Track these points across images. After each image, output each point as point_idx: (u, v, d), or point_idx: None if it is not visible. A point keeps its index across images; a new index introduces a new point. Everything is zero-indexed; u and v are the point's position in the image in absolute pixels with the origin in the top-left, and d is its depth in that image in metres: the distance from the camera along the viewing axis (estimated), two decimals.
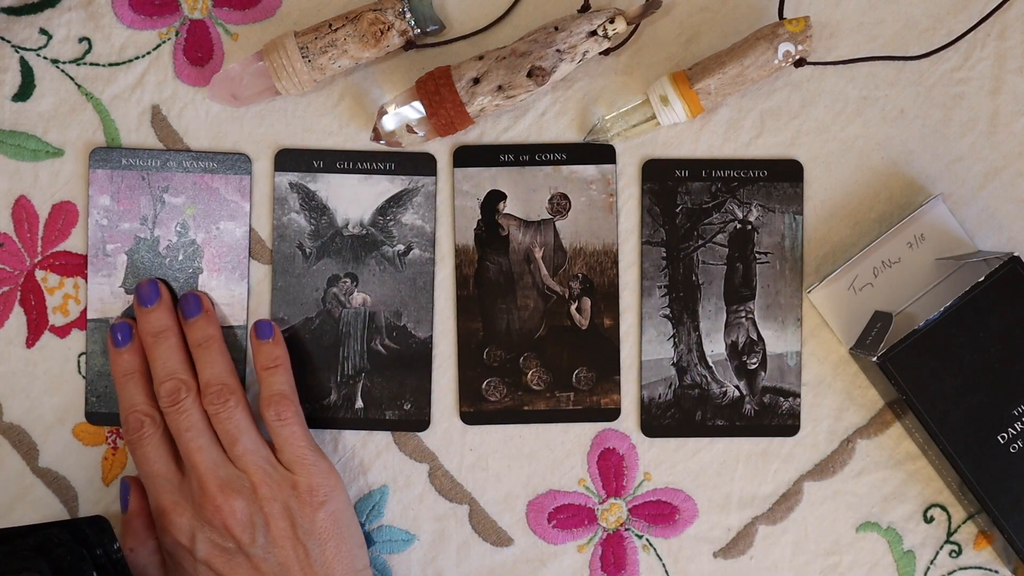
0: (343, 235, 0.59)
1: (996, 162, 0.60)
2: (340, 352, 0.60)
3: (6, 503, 0.61)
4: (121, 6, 0.60)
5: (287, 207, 0.60)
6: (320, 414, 0.60)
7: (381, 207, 0.60)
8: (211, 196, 0.57)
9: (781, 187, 0.60)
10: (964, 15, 0.59)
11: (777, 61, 0.56)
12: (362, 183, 0.60)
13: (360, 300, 0.59)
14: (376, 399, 0.60)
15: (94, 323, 0.56)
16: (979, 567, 0.60)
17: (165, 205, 0.56)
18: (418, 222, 0.60)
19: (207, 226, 0.57)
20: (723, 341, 0.60)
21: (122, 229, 0.56)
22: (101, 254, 0.56)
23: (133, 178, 0.53)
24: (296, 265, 0.60)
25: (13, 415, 0.61)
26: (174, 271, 0.58)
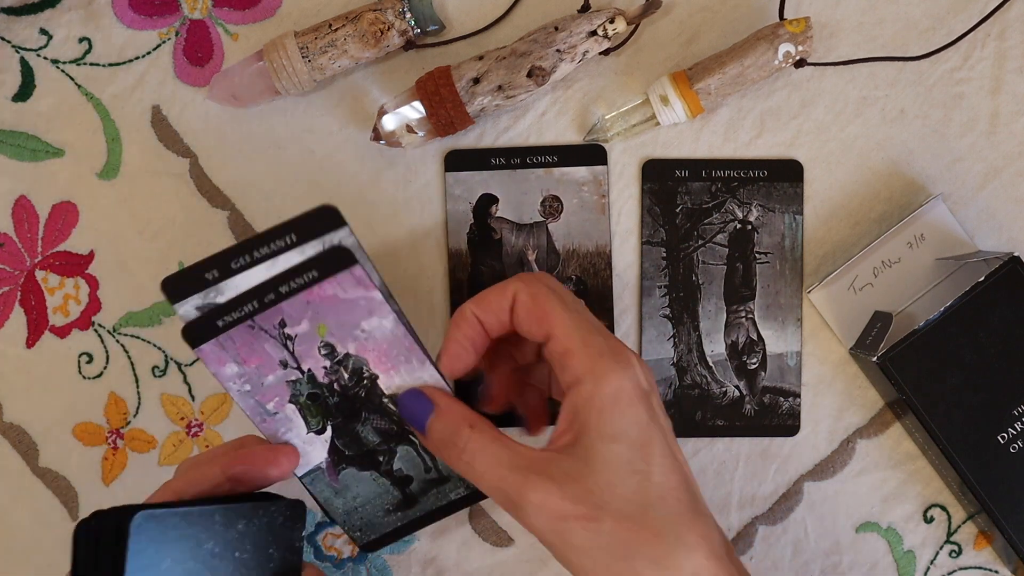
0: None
1: (996, 162, 0.60)
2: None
3: (6, 503, 0.61)
4: (121, 6, 0.60)
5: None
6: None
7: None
8: (332, 302, 0.47)
9: (781, 187, 0.60)
10: (964, 15, 0.59)
11: (777, 61, 0.56)
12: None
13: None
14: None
15: (308, 477, 0.50)
16: (979, 567, 0.60)
17: (295, 339, 0.47)
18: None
19: (351, 333, 0.48)
20: (723, 341, 0.60)
21: (270, 384, 0.48)
22: (268, 416, 0.48)
23: (242, 334, 0.46)
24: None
25: (13, 415, 0.61)
26: (349, 390, 0.49)
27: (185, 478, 0.46)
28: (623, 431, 0.42)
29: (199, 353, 0.46)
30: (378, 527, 0.52)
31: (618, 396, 0.42)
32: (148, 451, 0.61)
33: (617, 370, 0.43)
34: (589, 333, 0.44)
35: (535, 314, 0.45)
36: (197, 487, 0.45)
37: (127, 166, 0.60)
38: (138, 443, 0.61)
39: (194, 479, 0.45)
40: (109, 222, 0.60)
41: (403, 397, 0.48)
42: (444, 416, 0.46)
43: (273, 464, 0.47)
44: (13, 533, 0.61)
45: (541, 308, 0.45)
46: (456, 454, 0.45)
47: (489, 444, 0.44)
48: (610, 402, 0.42)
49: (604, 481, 0.41)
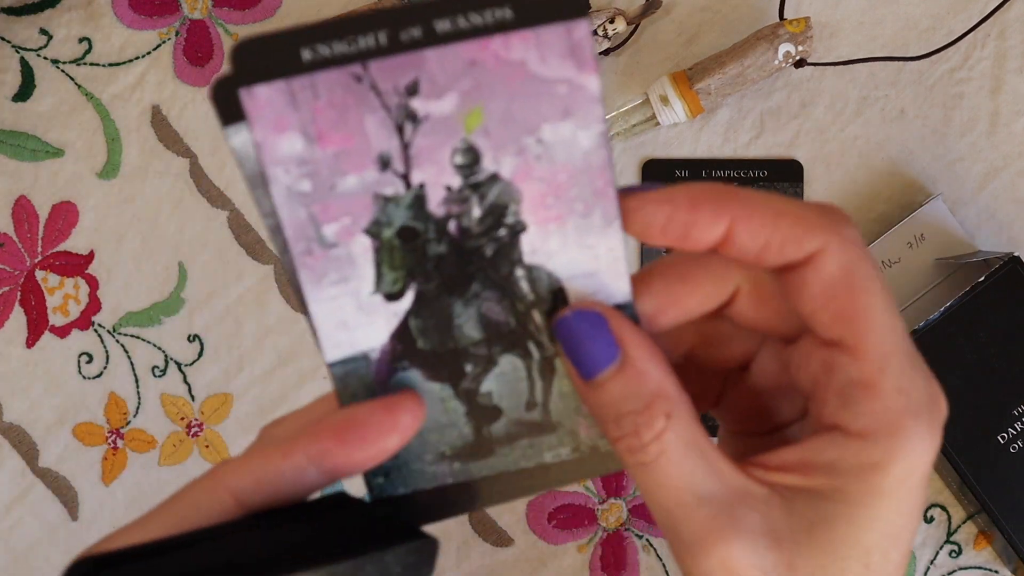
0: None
1: (996, 162, 0.60)
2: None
3: (6, 503, 0.61)
4: (121, 6, 0.60)
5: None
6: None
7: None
8: (510, 76, 0.27)
9: (781, 187, 0.60)
10: (964, 15, 0.59)
11: (777, 62, 0.56)
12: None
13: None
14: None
15: (342, 367, 0.30)
16: (979, 567, 0.60)
17: (419, 122, 0.27)
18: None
19: (517, 139, 0.28)
20: None
21: (345, 189, 0.28)
22: (318, 248, 0.28)
23: (337, 85, 0.26)
24: None
25: (13, 415, 0.61)
26: (471, 238, 0.29)
27: (250, 473, 0.28)
28: (886, 520, 0.28)
29: (246, 100, 0.26)
30: (416, 477, 0.31)
31: (907, 478, 0.27)
32: (148, 451, 0.61)
33: (924, 441, 0.27)
34: (910, 366, 0.27)
35: (841, 302, 0.27)
36: (266, 490, 0.28)
37: (127, 166, 0.60)
38: (138, 443, 0.61)
39: (264, 477, 0.28)
40: (109, 222, 0.60)
41: (572, 318, 0.29)
42: (633, 378, 0.29)
43: (392, 430, 0.29)
44: (13, 533, 0.61)
45: (855, 297, 0.27)
46: (632, 442, 0.29)
47: (684, 450, 0.28)
48: (895, 485, 0.27)
49: (821, 565, 0.28)
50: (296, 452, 0.28)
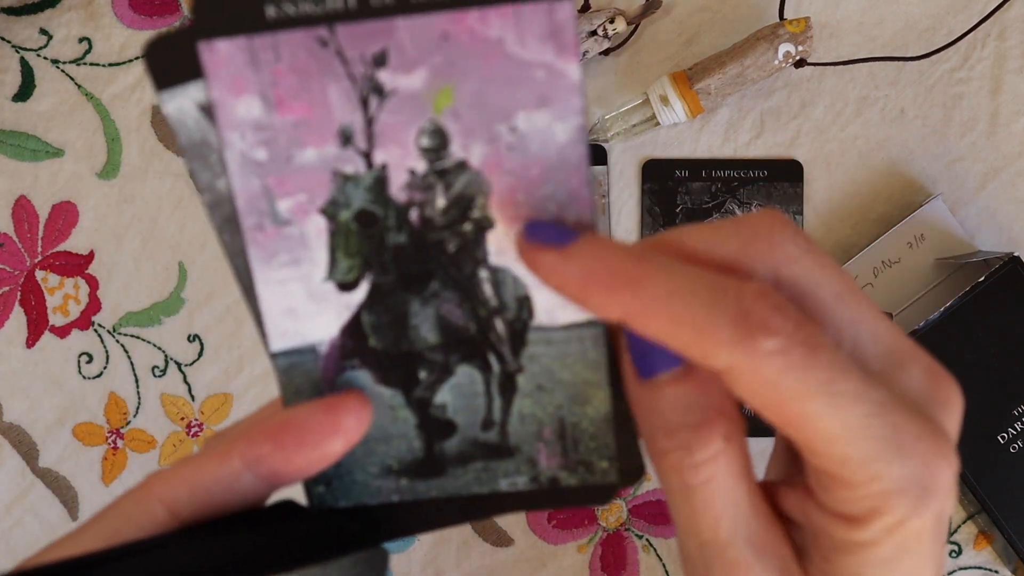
0: None
1: (996, 162, 0.60)
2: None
3: (6, 503, 0.61)
4: (121, 6, 0.60)
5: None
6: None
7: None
8: (485, 55, 0.25)
9: (781, 187, 0.60)
10: (964, 15, 0.59)
11: (777, 62, 0.56)
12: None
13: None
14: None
15: (286, 357, 0.27)
16: (979, 567, 0.60)
17: (385, 97, 0.25)
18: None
19: (489, 125, 0.26)
20: None
21: (302, 163, 0.26)
22: (267, 222, 0.26)
23: (304, 45, 0.25)
24: None
25: (13, 415, 0.61)
26: (433, 233, 0.27)
27: (180, 480, 0.26)
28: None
29: (206, 55, 0.25)
30: (358, 490, 0.29)
31: (906, 546, 0.25)
32: (148, 451, 0.61)
33: (916, 513, 0.25)
34: (882, 446, 0.24)
35: (773, 414, 0.25)
36: (199, 498, 0.26)
37: (127, 166, 0.60)
38: (138, 443, 0.61)
39: (197, 484, 0.26)
40: (109, 222, 0.60)
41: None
42: (698, 388, 0.26)
43: (334, 432, 0.27)
44: (13, 533, 0.61)
45: (785, 409, 0.24)
46: (681, 459, 0.26)
47: (735, 481, 0.26)
48: (894, 553, 0.25)
49: None
50: (231, 457, 0.26)
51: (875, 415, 0.24)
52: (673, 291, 0.24)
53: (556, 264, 0.25)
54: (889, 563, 0.25)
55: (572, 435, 0.28)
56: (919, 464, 0.24)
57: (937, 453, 0.25)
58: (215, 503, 0.26)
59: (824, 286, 0.26)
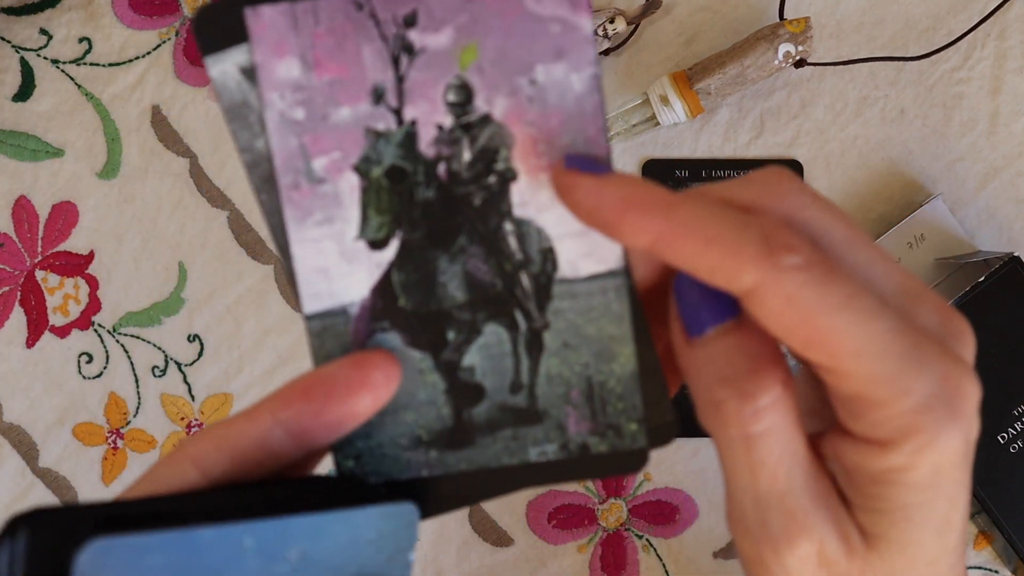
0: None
1: (996, 162, 0.60)
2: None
3: (6, 503, 0.61)
4: (121, 6, 0.60)
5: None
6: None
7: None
8: (506, 12, 0.27)
9: None
10: (964, 15, 0.59)
11: (777, 61, 0.56)
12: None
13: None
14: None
15: (319, 322, 0.28)
16: (979, 567, 0.60)
17: (415, 55, 0.27)
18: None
19: (510, 79, 0.27)
20: None
21: (337, 121, 0.27)
22: (303, 180, 0.27)
23: (341, 8, 0.26)
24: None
25: (13, 415, 0.61)
26: (460, 187, 0.28)
27: (211, 439, 0.26)
28: (933, 512, 0.26)
29: (251, 19, 0.26)
30: (388, 464, 0.29)
31: (941, 468, 0.25)
32: (148, 451, 0.61)
33: (948, 431, 0.25)
34: (908, 363, 0.24)
35: (798, 334, 0.25)
36: (229, 455, 0.26)
37: (127, 166, 0.60)
38: (138, 443, 0.61)
39: (226, 441, 0.26)
40: (109, 222, 0.60)
41: (682, 284, 0.27)
42: (753, 337, 0.26)
43: (361, 387, 0.27)
44: None
45: (811, 326, 0.24)
46: (740, 407, 0.26)
47: (792, 431, 0.26)
48: (930, 478, 0.25)
49: (891, 569, 0.27)
50: (261, 413, 0.26)
51: (897, 331, 0.24)
52: (703, 215, 0.25)
53: (594, 187, 0.26)
54: (927, 490, 0.25)
55: (600, 395, 0.29)
56: (943, 380, 0.25)
57: (959, 372, 0.25)
58: (246, 461, 0.26)
59: (834, 231, 0.26)
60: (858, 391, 0.25)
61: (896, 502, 0.26)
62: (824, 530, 0.26)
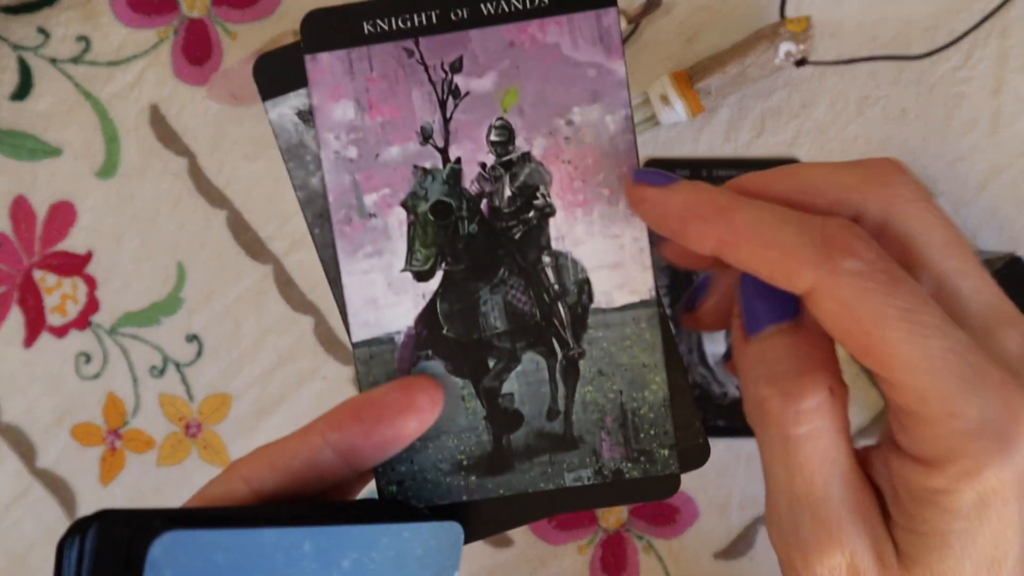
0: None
1: (998, 162, 0.59)
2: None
3: (4, 504, 0.60)
4: (119, 5, 0.60)
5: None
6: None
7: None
8: (544, 58, 0.29)
9: None
10: (966, 14, 0.59)
11: (778, 61, 0.56)
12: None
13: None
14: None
15: (366, 350, 0.30)
16: None
17: (460, 98, 0.29)
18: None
19: (548, 120, 0.29)
20: (724, 342, 0.60)
21: (388, 159, 0.29)
22: (355, 215, 0.29)
23: (389, 58, 0.28)
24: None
25: (11, 415, 0.60)
26: (501, 221, 0.30)
27: (263, 457, 0.28)
28: (975, 545, 0.25)
29: (310, 66, 0.29)
30: (430, 490, 0.31)
31: (986, 500, 0.24)
32: (146, 451, 0.61)
33: (995, 462, 0.24)
34: (962, 385, 0.24)
35: (854, 340, 0.25)
36: (281, 474, 0.27)
37: (125, 165, 0.60)
38: (136, 443, 0.61)
39: (278, 459, 0.27)
40: (107, 222, 0.60)
41: (746, 283, 0.27)
42: (807, 339, 0.27)
43: (408, 409, 0.28)
44: (11, 534, 0.61)
45: (866, 333, 0.25)
46: (785, 406, 0.26)
47: (837, 436, 0.26)
48: (973, 508, 0.25)
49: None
50: (312, 433, 0.28)
51: (957, 352, 0.24)
52: (763, 219, 0.25)
53: (660, 197, 0.27)
54: (970, 518, 0.25)
55: (632, 422, 0.30)
56: (1000, 409, 0.24)
57: (1021, 404, 0.24)
58: (296, 480, 0.27)
59: (933, 233, 0.26)
60: (909, 405, 0.25)
61: (935, 525, 0.25)
62: (857, 543, 0.26)
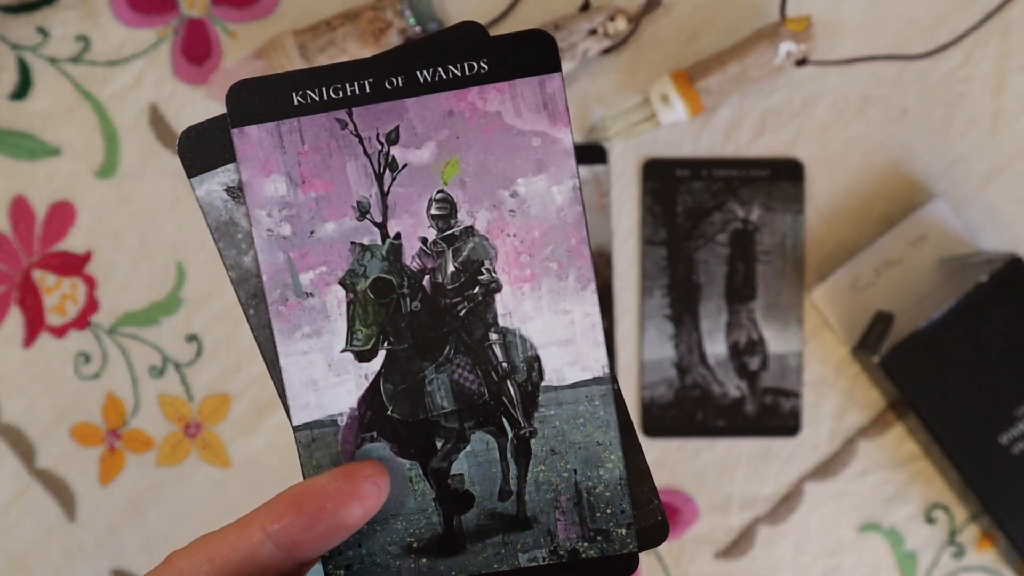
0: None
1: (998, 161, 0.59)
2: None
3: (3, 504, 0.60)
4: (119, 4, 0.59)
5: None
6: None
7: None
8: (486, 127, 0.28)
9: (782, 186, 0.59)
10: (966, 14, 0.59)
11: (779, 60, 0.56)
12: None
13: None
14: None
15: (307, 432, 0.29)
16: (982, 568, 0.60)
17: (398, 170, 0.28)
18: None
19: (492, 192, 0.28)
20: (724, 341, 0.60)
21: (323, 236, 0.28)
22: (290, 295, 0.28)
23: (322, 129, 0.27)
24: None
25: (10, 415, 0.60)
26: (445, 298, 0.29)
27: (201, 552, 0.27)
28: None
29: (238, 140, 0.28)
30: (377, 574, 0.30)
31: None
32: (146, 451, 0.61)
33: None
34: None
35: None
36: (219, 568, 0.26)
37: (125, 165, 0.60)
38: (136, 443, 0.61)
39: (216, 554, 0.27)
40: (107, 221, 0.60)
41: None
42: None
43: (352, 498, 0.27)
44: (10, 534, 0.61)
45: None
46: None
47: None
48: None
49: None
50: (251, 526, 0.26)
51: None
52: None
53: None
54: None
55: (588, 501, 0.29)
56: None
57: None
58: (236, 574, 0.26)
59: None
60: None
61: None
62: None
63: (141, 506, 0.61)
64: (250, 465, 0.60)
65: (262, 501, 0.27)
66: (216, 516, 0.60)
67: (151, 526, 0.61)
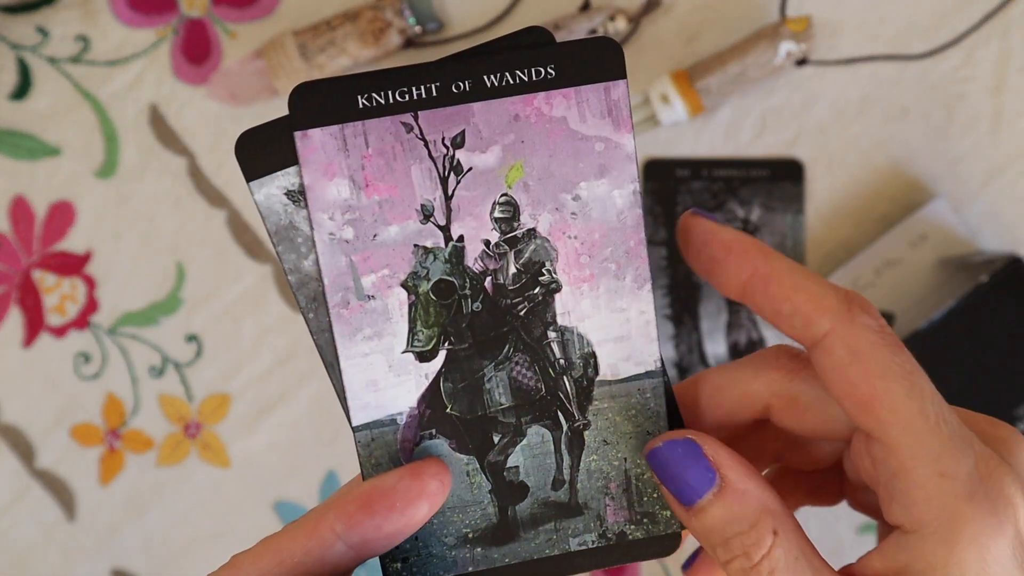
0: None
1: (999, 161, 0.59)
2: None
3: (3, 505, 0.60)
4: (119, 4, 0.59)
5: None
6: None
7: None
8: (551, 132, 0.28)
9: (782, 187, 0.59)
10: (967, 13, 0.59)
11: (779, 60, 0.56)
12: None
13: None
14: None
15: (367, 432, 0.29)
16: None
17: (463, 174, 0.28)
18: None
19: (554, 195, 0.29)
20: (724, 342, 0.60)
21: (386, 239, 0.28)
22: (352, 298, 0.28)
23: (386, 133, 0.27)
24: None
25: (10, 416, 0.60)
26: (505, 299, 0.29)
27: (269, 554, 0.27)
28: None
29: (300, 143, 0.27)
30: (435, 564, 0.30)
31: (983, 566, 0.25)
32: (146, 452, 0.61)
33: (988, 527, 0.25)
34: (953, 445, 0.26)
35: (856, 389, 0.27)
36: (290, 570, 0.27)
37: (124, 165, 0.60)
38: (136, 444, 0.61)
39: (287, 556, 0.27)
40: (107, 221, 0.60)
41: (665, 448, 0.29)
42: (735, 500, 0.28)
43: (420, 497, 0.28)
44: (10, 534, 0.61)
45: (869, 383, 0.26)
46: (743, 564, 0.28)
47: (794, 564, 0.27)
48: (969, 573, 0.26)
49: None
50: (322, 527, 0.27)
51: (947, 420, 0.26)
52: (796, 267, 0.28)
53: (713, 227, 0.29)
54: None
55: (636, 487, 0.30)
56: (991, 474, 0.26)
57: (1004, 473, 0.26)
58: (305, 574, 0.27)
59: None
60: (900, 465, 0.26)
61: None
62: None
63: (141, 506, 0.61)
64: (250, 465, 0.60)
65: (262, 501, 0.27)
66: (216, 516, 0.60)
67: (151, 526, 0.61)
